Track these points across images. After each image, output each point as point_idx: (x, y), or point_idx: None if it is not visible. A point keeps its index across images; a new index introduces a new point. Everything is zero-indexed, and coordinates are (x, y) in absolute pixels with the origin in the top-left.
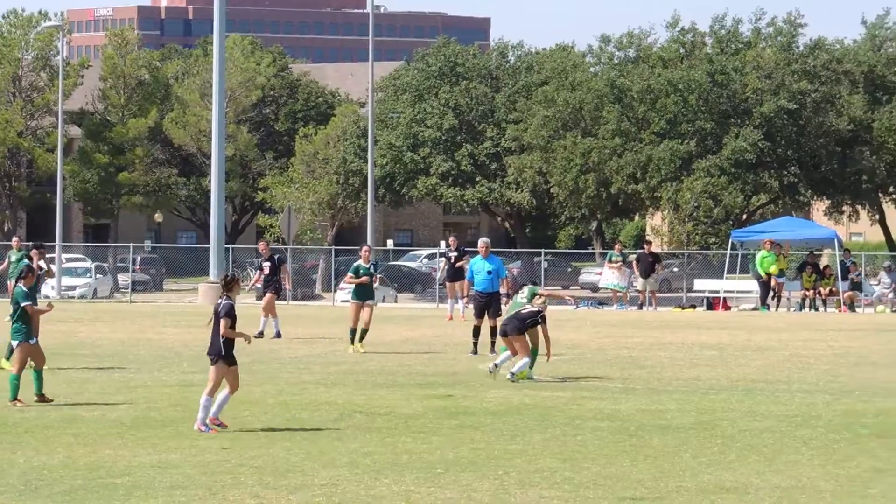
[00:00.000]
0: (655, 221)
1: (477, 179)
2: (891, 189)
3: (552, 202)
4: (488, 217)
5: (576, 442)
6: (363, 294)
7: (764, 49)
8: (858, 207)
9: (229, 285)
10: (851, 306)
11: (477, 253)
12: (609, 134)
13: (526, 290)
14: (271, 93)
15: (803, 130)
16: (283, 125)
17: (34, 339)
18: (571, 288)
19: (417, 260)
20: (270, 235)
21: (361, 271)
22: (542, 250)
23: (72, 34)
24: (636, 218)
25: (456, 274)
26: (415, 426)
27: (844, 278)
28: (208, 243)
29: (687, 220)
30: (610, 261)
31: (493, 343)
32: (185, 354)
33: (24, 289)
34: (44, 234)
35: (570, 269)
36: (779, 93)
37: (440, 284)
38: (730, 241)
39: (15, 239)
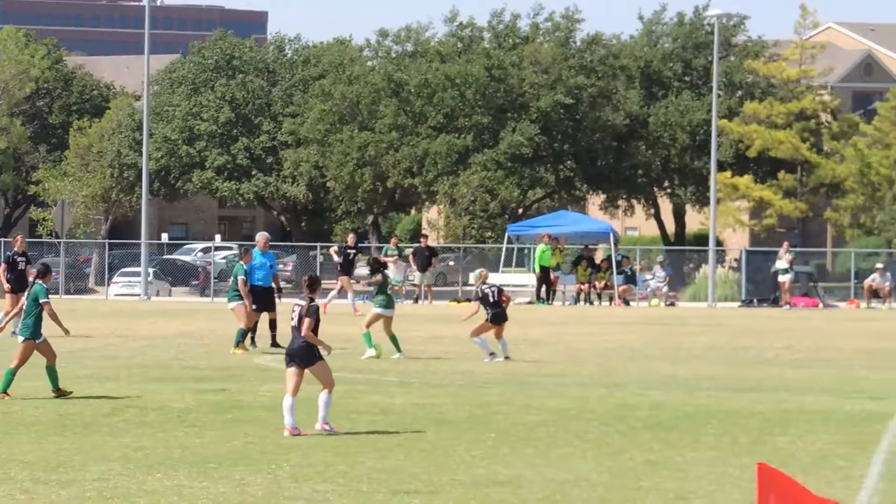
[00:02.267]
0: (432, 215)
1: (253, 173)
2: (666, 184)
3: (328, 196)
4: (264, 211)
5: (350, 436)
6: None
7: (542, 44)
8: (634, 202)
9: (313, 286)
10: (626, 300)
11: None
12: (386, 128)
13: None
14: (45, 85)
15: (580, 125)
16: (57, 118)
17: (41, 338)
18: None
19: (192, 254)
20: (43, 229)
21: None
22: (318, 244)
23: None
24: (412, 212)
25: (349, 268)
26: (188, 420)
27: (619, 272)
28: None
29: (463, 214)
30: (386, 255)
31: (273, 336)
32: None
33: (45, 286)
34: None
35: None
36: (556, 87)
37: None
38: (506, 235)
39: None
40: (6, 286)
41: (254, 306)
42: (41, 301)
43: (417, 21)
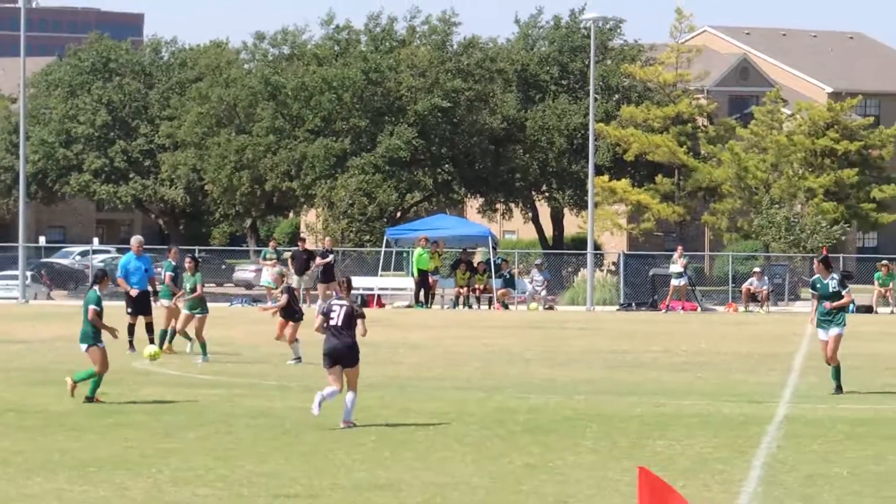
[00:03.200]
0: (310, 219)
1: (131, 176)
2: (543, 187)
3: (206, 199)
4: (142, 214)
5: (230, 440)
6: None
7: (418, 47)
8: (512, 205)
9: (350, 287)
10: (504, 304)
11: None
12: (263, 131)
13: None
14: None
15: (457, 128)
16: None
17: (102, 343)
18: (225, 285)
19: (70, 257)
20: None
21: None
22: (196, 247)
23: None
24: (291, 215)
25: (329, 275)
26: (68, 424)
27: (498, 276)
28: None
29: (341, 217)
30: (264, 258)
31: (150, 338)
32: None
33: (98, 293)
34: None
35: (224, 267)
36: (433, 91)
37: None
38: (384, 238)
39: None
40: None
41: (129, 310)
42: (89, 307)
43: (294, 24)
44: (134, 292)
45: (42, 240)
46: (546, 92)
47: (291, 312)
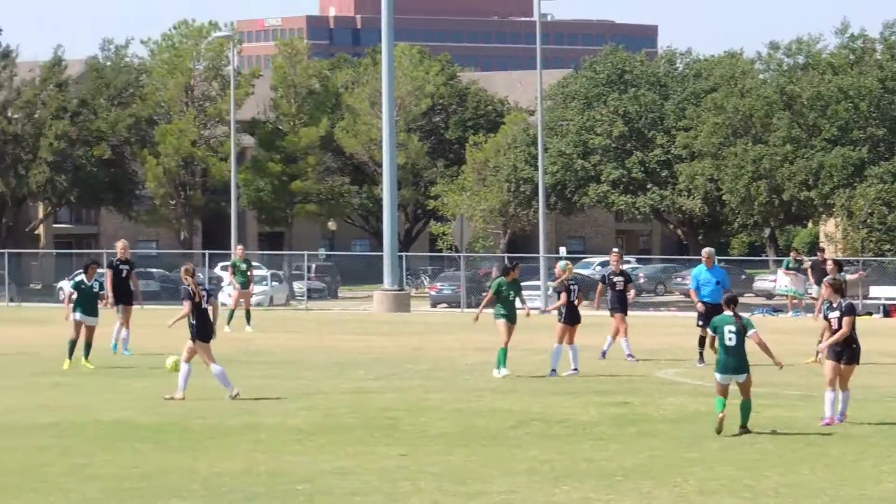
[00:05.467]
0: (829, 228)
1: (648, 186)
2: None
3: (724, 209)
4: (660, 224)
5: (754, 450)
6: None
7: None
8: None
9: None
10: None
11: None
12: (780, 141)
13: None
14: (440, 101)
15: None
16: (453, 133)
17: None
18: (746, 295)
19: (590, 267)
20: (443, 243)
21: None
22: (716, 258)
23: (242, 44)
24: (809, 224)
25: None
26: (593, 434)
27: None
28: (381, 251)
29: (861, 226)
30: (787, 268)
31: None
32: (362, 362)
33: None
34: (219, 242)
35: (743, 277)
36: None
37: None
38: None
39: (239, 248)
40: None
41: (699, 323)
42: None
43: (808, 33)
44: (700, 307)
45: (562, 250)
46: None
47: None
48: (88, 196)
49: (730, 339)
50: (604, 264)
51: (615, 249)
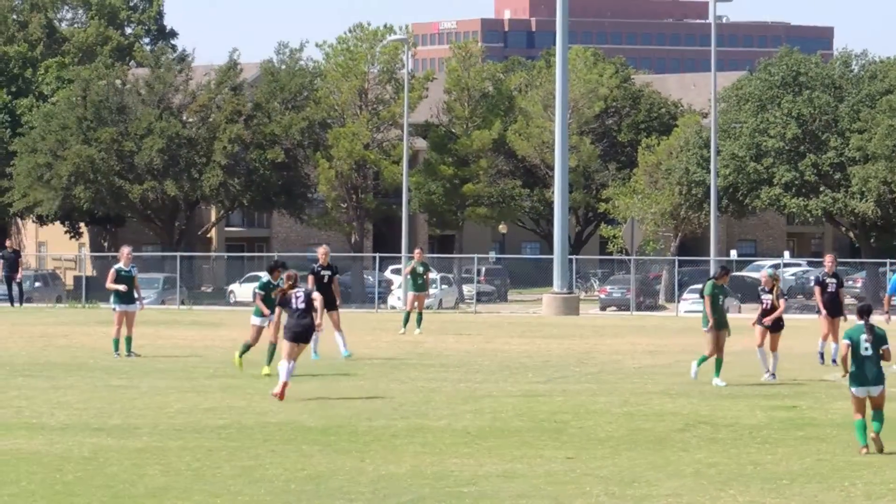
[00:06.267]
0: None
1: (821, 189)
2: None
3: None
4: (832, 227)
5: None
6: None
7: None
8: None
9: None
10: None
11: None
12: None
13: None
14: (614, 104)
15: None
16: (625, 136)
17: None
18: None
19: (761, 270)
20: (614, 246)
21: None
22: (888, 261)
23: (416, 47)
24: None
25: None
26: (759, 437)
27: None
28: (552, 254)
29: None
30: None
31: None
32: (530, 365)
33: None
34: (390, 245)
35: None
36: None
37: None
38: None
39: (417, 250)
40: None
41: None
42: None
43: None
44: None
45: (733, 253)
46: None
47: None
48: (261, 199)
49: (865, 350)
50: (775, 267)
51: (831, 254)
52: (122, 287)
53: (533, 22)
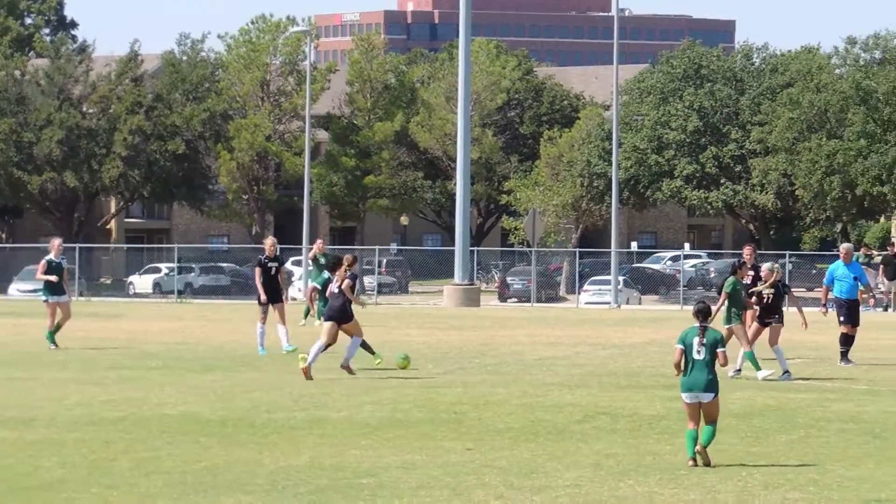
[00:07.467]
0: None
1: (721, 182)
2: None
3: (797, 204)
4: (732, 220)
5: (820, 444)
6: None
7: None
8: None
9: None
10: None
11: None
12: (854, 136)
13: None
14: (516, 96)
15: None
16: (527, 128)
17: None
18: (816, 290)
19: (661, 262)
20: (515, 238)
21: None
22: (787, 252)
23: (319, 39)
24: (881, 220)
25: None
26: (658, 428)
27: None
28: (453, 246)
29: None
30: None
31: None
32: (430, 356)
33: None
34: (291, 236)
35: (814, 272)
36: None
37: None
38: None
39: (319, 241)
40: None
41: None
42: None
43: (885, 28)
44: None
45: (634, 245)
46: None
47: None
48: (161, 191)
49: (697, 353)
50: (675, 259)
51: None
52: (52, 277)
53: (436, 14)
